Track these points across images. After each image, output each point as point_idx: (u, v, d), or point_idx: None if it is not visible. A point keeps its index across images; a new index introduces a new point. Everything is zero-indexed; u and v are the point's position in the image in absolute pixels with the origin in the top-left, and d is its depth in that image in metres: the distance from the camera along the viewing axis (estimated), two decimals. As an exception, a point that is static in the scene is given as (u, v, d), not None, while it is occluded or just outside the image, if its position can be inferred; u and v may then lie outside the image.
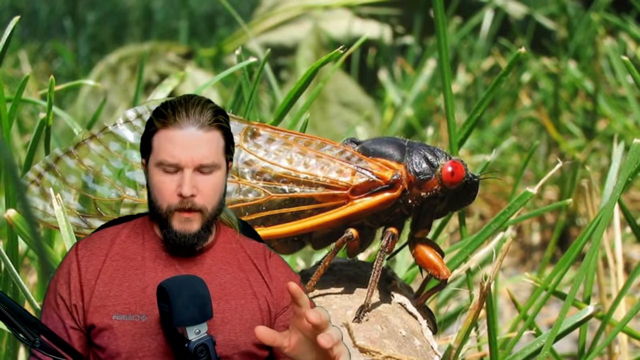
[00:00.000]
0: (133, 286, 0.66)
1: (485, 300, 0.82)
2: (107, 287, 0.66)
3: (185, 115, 0.66)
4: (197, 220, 0.67)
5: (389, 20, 2.76)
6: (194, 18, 3.76)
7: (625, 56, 1.07)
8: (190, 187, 0.66)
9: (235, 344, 0.66)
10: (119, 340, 0.65)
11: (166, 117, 0.67)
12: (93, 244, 0.68)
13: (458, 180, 0.84)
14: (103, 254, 0.68)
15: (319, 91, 1.05)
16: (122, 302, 0.66)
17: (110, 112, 2.29)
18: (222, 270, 0.68)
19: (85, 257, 0.68)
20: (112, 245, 0.68)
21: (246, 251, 0.70)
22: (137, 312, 0.66)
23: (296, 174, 0.85)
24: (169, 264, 0.68)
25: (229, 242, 0.70)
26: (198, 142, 0.66)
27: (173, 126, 0.66)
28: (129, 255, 0.68)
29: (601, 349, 0.99)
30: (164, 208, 0.66)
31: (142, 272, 0.67)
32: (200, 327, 0.63)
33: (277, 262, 0.71)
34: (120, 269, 0.67)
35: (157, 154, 0.67)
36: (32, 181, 0.83)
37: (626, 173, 0.91)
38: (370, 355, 0.76)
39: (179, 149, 0.66)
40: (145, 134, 0.68)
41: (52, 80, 0.97)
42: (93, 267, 0.67)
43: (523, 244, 1.93)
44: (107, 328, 0.65)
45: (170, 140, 0.66)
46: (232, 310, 0.67)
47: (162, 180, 0.66)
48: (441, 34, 0.98)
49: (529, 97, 2.34)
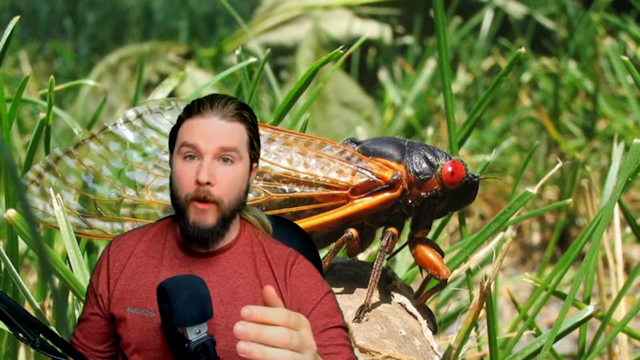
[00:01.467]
0: (148, 283, 0.68)
1: (485, 300, 0.82)
2: (128, 282, 0.69)
3: (209, 107, 0.67)
4: (212, 213, 0.66)
5: (389, 20, 2.76)
6: (194, 18, 3.76)
7: (625, 56, 1.07)
8: (208, 173, 0.66)
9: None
10: (129, 332, 0.67)
11: (191, 109, 0.68)
12: (124, 241, 0.71)
13: (458, 180, 0.84)
14: (129, 251, 0.70)
15: (319, 91, 1.05)
16: (137, 296, 0.68)
17: (110, 112, 2.29)
18: (236, 274, 0.68)
19: (115, 252, 0.70)
20: (138, 243, 0.70)
21: (267, 256, 0.69)
22: (147, 308, 0.67)
23: (296, 174, 0.85)
24: (185, 264, 0.68)
25: (249, 244, 0.69)
26: (219, 130, 0.67)
27: (197, 115, 0.67)
28: (151, 254, 0.69)
29: (601, 349, 0.99)
30: (182, 198, 0.67)
31: (159, 270, 0.68)
32: (201, 327, 0.63)
33: (300, 271, 0.68)
34: (142, 265, 0.69)
35: (180, 139, 0.68)
36: (32, 181, 0.83)
37: (626, 173, 0.91)
38: (370, 355, 0.76)
39: (200, 135, 0.67)
40: (172, 130, 0.69)
41: (52, 80, 0.97)
42: (119, 262, 0.70)
43: (523, 244, 1.93)
44: (122, 319, 0.68)
45: (192, 126, 0.67)
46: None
47: (181, 169, 0.67)
48: (441, 34, 0.98)
49: (529, 97, 2.34)
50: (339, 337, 0.66)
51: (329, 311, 0.67)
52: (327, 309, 0.67)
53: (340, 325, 0.67)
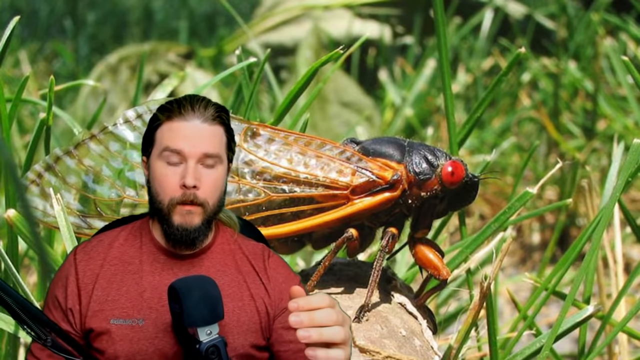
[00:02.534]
0: (131, 290, 0.66)
1: (485, 300, 0.82)
2: (105, 292, 0.66)
3: (190, 109, 0.67)
4: (198, 214, 0.66)
5: (389, 20, 2.76)
6: (194, 18, 3.76)
7: (625, 56, 1.07)
8: (194, 178, 0.66)
9: (233, 347, 0.66)
10: (117, 345, 0.65)
11: (171, 111, 0.67)
12: (91, 248, 0.69)
13: (458, 180, 0.84)
14: (101, 258, 0.68)
15: (319, 91, 1.05)
16: (120, 306, 0.66)
17: (110, 112, 2.29)
18: (220, 272, 0.68)
19: (83, 262, 0.68)
20: (110, 249, 0.68)
21: (244, 252, 0.70)
22: (134, 316, 0.65)
23: (296, 174, 0.85)
24: (167, 267, 0.67)
25: (227, 243, 0.70)
26: (202, 134, 0.67)
27: (178, 118, 0.67)
28: (127, 259, 0.68)
29: (601, 349, 0.99)
30: (165, 202, 0.66)
31: (140, 275, 0.67)
32: (212, 328, 0.63)
33: (276, 263, 0.70)
34: (119, 273, 0.67)
35: (161, 143, 0.67)
36: (32, 181, 0.83)
37: (626, 173, 0.91)
38: (370, 355, 0.76)
39: (183, 139, 0.66)
40: (148, 130, 0.68)
41: (52, 80, 0.97)
42: (91, 271, 0.67)
43: (523, 244, 1.93)
44: (105, 332, 0.65)
45: (175, 130, 0.67)
46: (230, 313, 0.66)
47: (164, 172, 0.66)
48: (441, 34, 0.98)
49: (529, 97, 2.34)
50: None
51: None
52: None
53: None
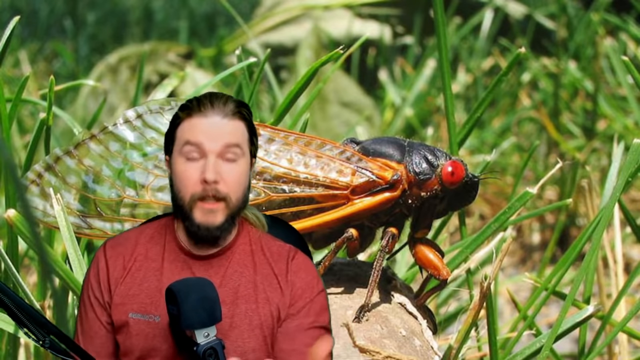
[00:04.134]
0: (151, 287, 0.67)
1: (485, 300, 0.82)
2: (128, 287, 0.67)
3: (210, 105, 0.67)
4: (221, 211, 0.66)
5: (389, 20, 2.76)
6: (194, 18, 3.76)
7: (625, 56, 1.07)
8: (214, 172, 0.66)
9: (243, 350, 0.66)
10: (132, 339, 0.66)
11: (191, 108, 0.68)
12: (119, 243, 0.70)
13: (458, 180, 0.84)
14: (129, 254, 0.69)
15: (319, 91, 1.05)
16: (139, 301, 0.67)
17: (110, 112, 2.29)
18: (237, 273, 0.68)
19: (114, 257, 0.69)
20: (136, 246, 0.69)
21: (265, 254, 0.69)
22: (151, 313, 0.66)
23: (296, 174, 0.85)
24: (186, 266, 0.68)
25: (248, 243, 0.69)
26: (223, 129, 0.67)
27: (197, 115, 0.67)
28: (151, 257, 0.69)
29: (601, 349, 0.99)
30: (187, 198, 0.66)
31: (160, 273, 0.68)
32: (209, 330, 0.63)
33: (298, 266, 0.69)
34: (142, 269, 0.68)
35: (181, 139, 0.67)
36: (32, 181, 0.83)
37: (626, 173, 0.91)
38: (370, 355, 0.76)
39: (203, 133, 0.67)
40: (169, 129, 0.69)
41: (52, 80, 0.97)
42: (121, 266, 0.68)
43: (523, 244, 1.93)
44: (124, 325, 0.67)
45: (195, 126, 0.67)
46: (242, 315, 0.66)
47: (185, 169, 0.66)
48: (441, 34, 0.98)
49: (529, 97, 2.34)
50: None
51: (318, 310, 0.68)
52: (318, 307, 0.68)
53: (324, 325, 0.68)
